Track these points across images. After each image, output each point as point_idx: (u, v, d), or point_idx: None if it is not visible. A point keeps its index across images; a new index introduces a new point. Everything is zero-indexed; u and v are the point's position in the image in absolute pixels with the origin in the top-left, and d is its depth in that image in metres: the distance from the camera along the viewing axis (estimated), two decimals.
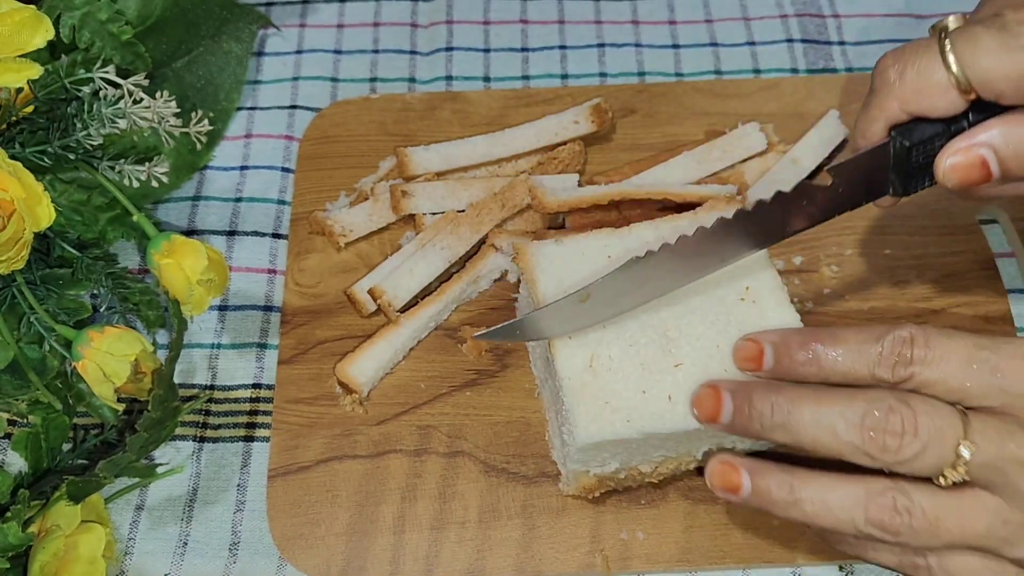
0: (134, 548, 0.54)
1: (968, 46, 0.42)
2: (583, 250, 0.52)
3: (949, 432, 0.40)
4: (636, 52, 0.73)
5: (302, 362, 0.59)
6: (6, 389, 0.55)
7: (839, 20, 0.74)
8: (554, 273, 0.52)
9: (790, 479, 0.43)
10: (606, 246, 0.52)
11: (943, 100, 0.44)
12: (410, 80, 0.72)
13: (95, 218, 0.60)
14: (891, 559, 0.44)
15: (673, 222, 0.53)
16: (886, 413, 0.40)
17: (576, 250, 0.52)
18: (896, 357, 0.41)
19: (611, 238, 0.53)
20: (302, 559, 0.53)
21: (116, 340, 0.51)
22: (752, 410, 0.43)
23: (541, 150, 0.65)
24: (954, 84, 0.43)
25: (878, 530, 0.41)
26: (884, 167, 0.47)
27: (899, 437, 0.40)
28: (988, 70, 0.42)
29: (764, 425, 0.43)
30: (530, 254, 0.53)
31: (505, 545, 0.53)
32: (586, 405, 0.48)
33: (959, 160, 0.44)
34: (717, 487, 0.45)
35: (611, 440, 0.48)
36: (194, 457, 0.57)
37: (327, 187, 0.65)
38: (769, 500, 0.43)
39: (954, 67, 0.43)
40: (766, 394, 0.43)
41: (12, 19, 0.52)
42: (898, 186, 0.48)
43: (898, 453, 0.40)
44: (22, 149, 0.54)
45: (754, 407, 0.43)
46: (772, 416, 0.43)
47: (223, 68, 0.68)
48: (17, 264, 0.50)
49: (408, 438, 0.56)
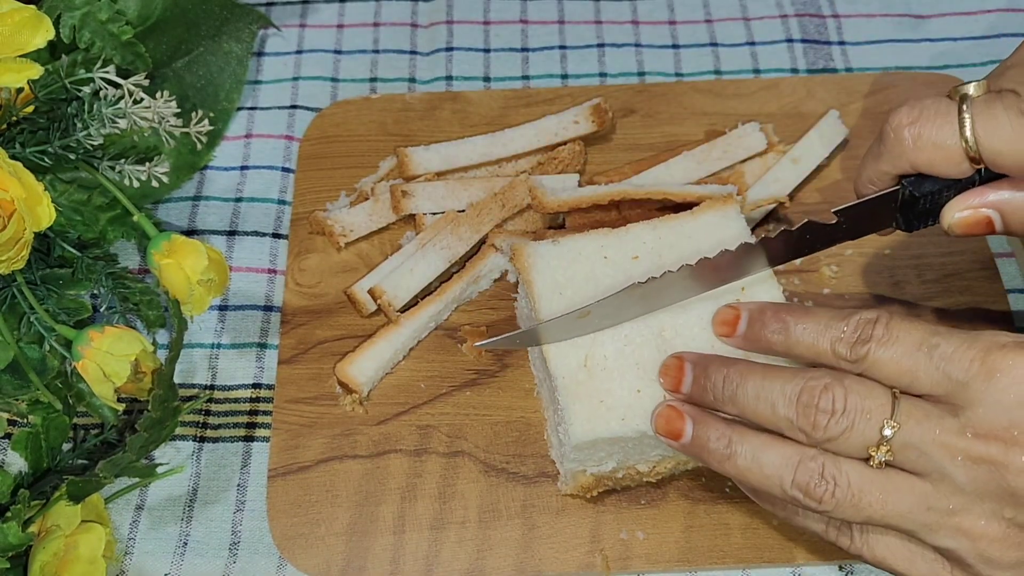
0: (134, 548, 0.54)
1: (987, 124, 0.44)
2: (579, 250, 0.52)
3: (876, 412, 0.41)
4: (636, 52, 0.73)
5: (302, 362, 0.59)
6: (6, 389, 0.55)
7: (839, 20, 0.74)
8: (550, 274, 0.52)
9: (730, 432, 0.44)
10: (603, 246, 0.52)
11: (954, 166, 0.45)
12: (410, 80, 0.72)
13: (95, 218, 0.60)
14: (818, 526, 0.45)
15: (670, 222, 0.53)
16: (820, 391, 0.42)
17: (572, 250, 0.52)
18: (857, 335, 0.42)
19: (608, 238, 0.53)
20: (302, 559, 0.53)
21: (116, 340, 0.51)
22: (707, 381, 0.45)
23: (541, 150, 0.65)
24: (967, 155, 0.45)
25: (802, 494, 0.42)
26: (890, 209, 0.49)
27: (828, 415, 0.41)
28: (1002, 152, 0.44)
29: (716, 396, 0.45)
30: (526, 255, 0.53)
31: (505, 545, 0.53)
32: (580, 404, 0.48)
33: (967, 216, 0.46)
34: (660, 430, 0.46)
35: (606, 439, 0.48)
36: (194, 457, 0.57)
37: (327, 187, 0.65)
38: (706, 449, 0.45)
39: (970, 141, 0.44)
40: (720, 366, 0.45)
41: (12, 19, 0.52)
42: (901, 224, 0.50)
43: (826, 430, 0.41)
44: (22, 149, 0.54)
45: (709, 378, 0.45)
46: (723, 388, 0.45)
47: (223, 68, 0.68)
48: (17, 264, 0.50)
49: (408, 438, 0.56)
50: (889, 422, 0.41)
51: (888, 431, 0.41)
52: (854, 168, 0.65)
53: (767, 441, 0.43)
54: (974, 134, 0.44)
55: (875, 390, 0.42)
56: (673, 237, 0.53)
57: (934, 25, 0.73)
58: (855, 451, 0.42)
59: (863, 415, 0.41)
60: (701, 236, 0.52)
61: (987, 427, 0.40)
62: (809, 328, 0.44)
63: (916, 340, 0.41)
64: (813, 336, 0.44)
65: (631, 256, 0.52)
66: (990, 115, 0.44)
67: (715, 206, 0.54)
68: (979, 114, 0.44)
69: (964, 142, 0.44)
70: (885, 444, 0.41)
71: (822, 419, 0.41)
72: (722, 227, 0.53)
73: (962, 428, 0.40)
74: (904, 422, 0.41)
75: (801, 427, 0.42)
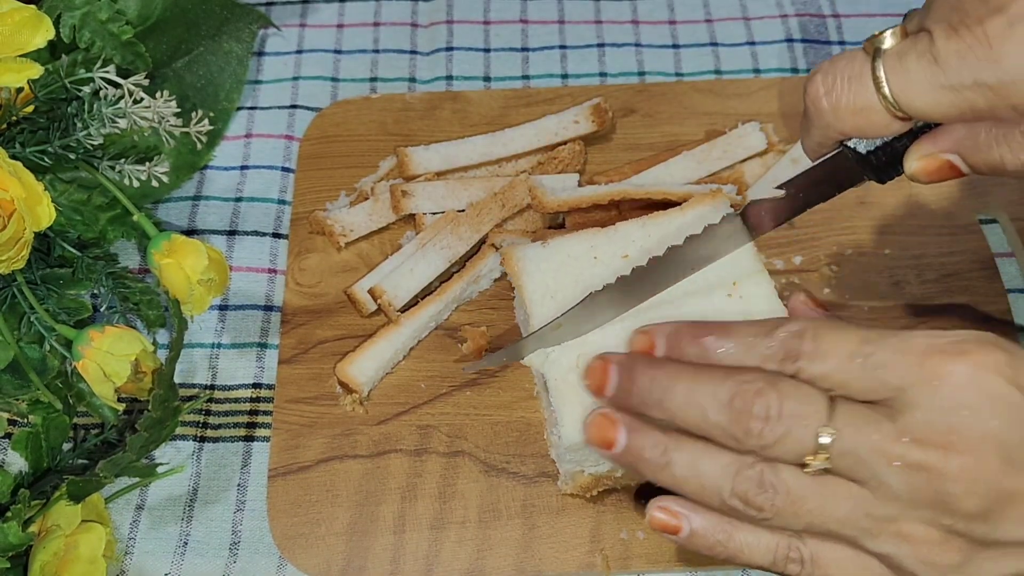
0: (134, 548, 0.54)
1: (902, 80, 0.40)
2: (569, 252, 0.52)
3: (812, 418, 0.39)
4: (636, 52, 0.73)
5: (302, 362, 0.59)
6: (6, 389, 0.55)
7: (839, 20, 0.74)
8: (541, 277, 0.52)
9: (666, 441, 0.42)
10: (592, 247, 0.52)
11: (884, 128, 0.42)
12: (410, 80, 0.72)
13: (95, 218, 0.60)
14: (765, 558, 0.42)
15: (659, 219, 0.53)
16: (753, 396, 0.39)
17: (562, 252, 0.52)
18: (784, 352, 0.40)
19: (597, 239, 0.53)
20: (302, 559, 0.53)
21: (116, 340, 0.51)
22: (634, 385, 0.43)
23: (541, 150, 0.65)
24: (893, 114, 0.41)
25: (742, 503, 0.40)
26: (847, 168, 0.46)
27: (763, 422, 0.39)
28: (925, 107, 0.40)
29: (643, 400, 0.42)
30: (516, 258, 0.52)
31: (505, 545, 0.53)
32: (572, 405, 0.48)
33: (926, 164, 0.43)
34: (592, 439, 0.44)
35: None
36: (194, 457, 0.57)
37: (327, 187, 0.65)
38: (641, 459, 0.42)
39: (890, 99, 0.41)
40: (647, 369, 0.43)
41: (12, 19, 0.52)
42: (872, 176, 0.46)
43: (760, 437, 0.39)
44: (22, 149, 0.54)
45: (635, 382, 0.43)
46: (651, 391, 0.42)
47: (223, 68, 0.68)
48: (17, 264, 0.50)
49: (408, 438, 0.56)
50: (826, 428, 0.38)
51: (825, 438, 0.38)
52: None
53: (705, 449, 0.41)
54: (892, 92, 0.40)
55: (811, 395, 0.39)
56: (662, 234, 0.52)
57: None
58: (791, 458, 0.39)
59: (799, 421, 0.39)
60: (690, 232, 0.52)
61: (925, 432, 0.38)
62: (731, 349, 0.42)
63: (847, 351, 0.39)
64: (738, 357, 0.41)
65: (621, 255, 0.52)
66: (903, 69, 0.39)
67: (704, 201, 0.53)
68: (892, 70, 0.40)
69: (884, 101, 0.40)
70: (823, 451, 0.39)
71: (756, 425, 0.39)
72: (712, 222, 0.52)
73: (899, 433, 0.38)
74: (841, 428, 0.38)
75: (734, 434, 0.40)
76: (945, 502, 0.38)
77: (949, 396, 0.37)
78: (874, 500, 0.39)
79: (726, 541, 0.42)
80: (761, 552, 0.42)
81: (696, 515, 0.42)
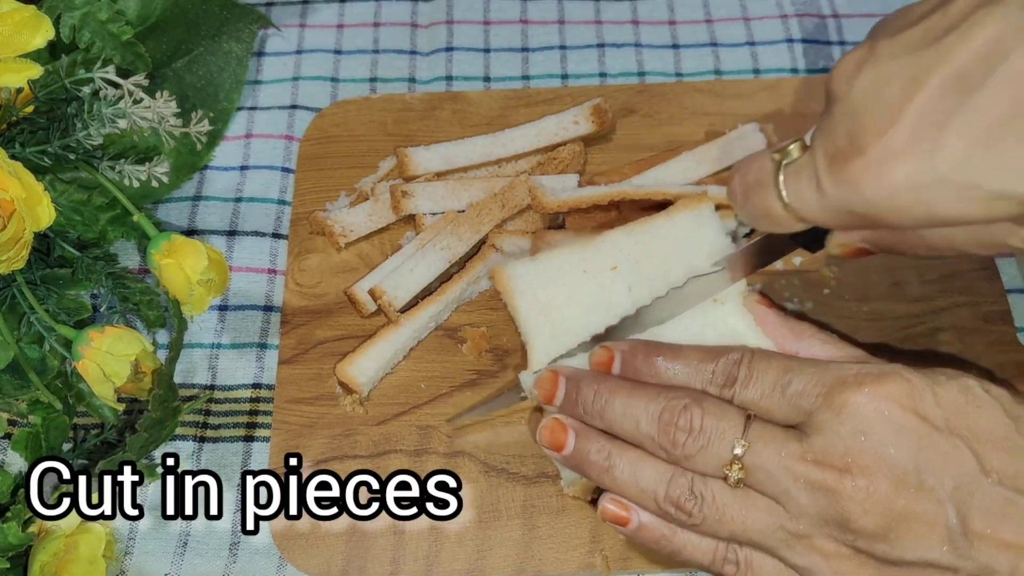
0: (134, 548, 0.54)
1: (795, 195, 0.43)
2: (559, 267, 0.52)
3: (729, 433, 0.44)
4: (636, 52, 0.73)
5: (302, 362, 0.59)
6: (6, 389, 0.55)
7: (839, 20, 0.74)
8: (532, 294, 0.51)
9: (609, 447, 0.47)
10: (582, 259, 0.52)
11: (792, 226, 0.45)
12: (410, 80, 0.72)
13: (95, 218, 0.60)
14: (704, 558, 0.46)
15: (645, 225, 0.53)
16: (679, 411, 0.45)
17: (551, 267, 0.52)
18: (724, 378, 0.45)
19: (586, 251, 0.52)
20: (302, 559, 0.53)
21: (116, 340, 0.51)
22: (579, 395, 0.48)
23: (541, 150, 0.65)
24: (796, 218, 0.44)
25: (674, 508, 0.45)
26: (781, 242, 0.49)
27: (686, 434, 0.44)
28: (818, 218, 0.43)
29: (586, 410, 0.47)
30: (507, 276, 0.52)
31: (505, 545, 0.53)
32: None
33: (843, 250, 0.47)
34: (544, 442, 0.48)
35: None
36: (194, 457, 0.57)
37: (327, 187, 0.65)
38: (586, 462, 0.47)
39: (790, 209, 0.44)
40: (592, 383, 0.48)
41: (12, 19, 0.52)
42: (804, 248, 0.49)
43: (684, 448, 0.44)
44: (22, 149, 0.54)
45: (581, 392, 0.48)
46: (593, 403, 0.47)
47: (223, 68, 0.68)
48: (17, 264, 0.50)
49: (408, 438, 0.56)
50: (740, 441, 0.43)
51: (738, 450, 0.43)
52: None
53: (643, 457, 0.46)
54: (790, 203, 0.44)
55: (729, 412, 0.44)
56: (650, 241, 0.52)
57: None
58: (711, 469, 0.44)
59: (717, 434, 0.44)
60: (677, 238, 0.52)
61: (826, 454, 0.42)
62: (679, 370, 0.47)
63: (772, 379, 0.44)
64: (684, 378, 0.47)
65: (610, 267, 0.52)
66: (797, 187, 0.43)
67: (689, 205, 0.53)
68: (789, 185, 0.43)
69: (785, 209, 0.44)
70: (737, 463, 0.43)
71: (680, 437, 0.44)
72: (697, 227, 0.52)
73: (804, 453, 0.43)
74: (753, 442, 0.43)
75: (661, 444, 0.45)
76: (845, 521, 0.42)
77: (849, 423, 0.42)
78: (787, 516, 0.43)
79: (671, 536, 0.46)
80: (701, 551, 0.46)
81: (644, 511, 0.47)
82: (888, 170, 0.39)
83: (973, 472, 0.41)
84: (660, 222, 0.53)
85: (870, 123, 0.39)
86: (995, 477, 0.41)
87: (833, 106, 0.42)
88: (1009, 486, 0.40)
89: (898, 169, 0.39)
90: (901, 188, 0.39)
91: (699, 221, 0.52)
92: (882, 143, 0.39)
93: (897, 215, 0.40)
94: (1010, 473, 0.41)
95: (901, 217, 0.40)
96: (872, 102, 0.40)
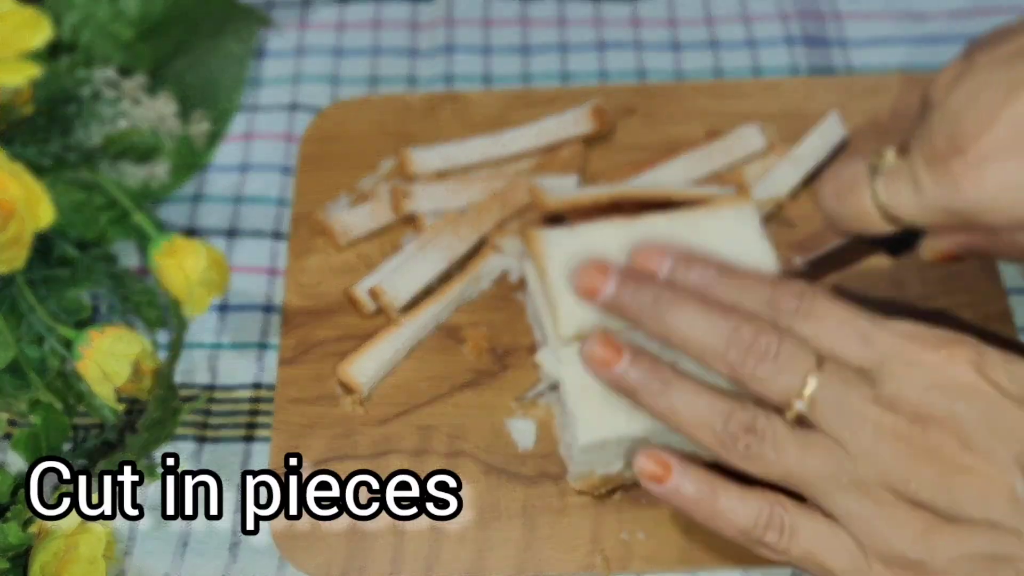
0: (134, 548, 0.54)
1: (892, 197, 0.46)
2: (595, 239, 0.51)
3: (803, 364, 0.42)
4: (636, 52, 0.73)
5: (303, 362, 0.59)
6: (6, 389, 0.55)
7: (839, 20, 0.74)
8: (563, 258, 0.51)
9: (668, 373, 0.44)
10: (617, 235, 0.51)
11: (884, 228, 0.47)
12: (410, 80, 0.72)
13: (95, 218, 0.60)
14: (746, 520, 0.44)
15: (685, 215, 0.53)
16: (756, 333, 0.43)
17: (588, 239, 0.51)
18: (782, 304, 0.44)
19: (622, 228, 0.52)
20: (302, 559, 0.53)
21: (116, 340, 0.51)
22: (636, 293, 0.45)
23: (541, 150, 0.65)
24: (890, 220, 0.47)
25: (730, 440, 0.43)
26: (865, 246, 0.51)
27: (760, 356, 0.42)
28: (915, 219, 0.46)
29: (642, 311, 0.45)
30: (540, 241, 0.52)
31: (505, 545, 0.53)
32: (587, 404, 0.48)
33: (935, 256, 0.49)
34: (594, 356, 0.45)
35: (612, 440, 0.48)
36: (194, 457, 0.57)
37: (327, 187, 0.65)
38: (643, 383, 0.44)
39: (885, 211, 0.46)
40: (654, 286, 0.45)
41: (12, 19, 0.52)
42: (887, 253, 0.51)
43: (755, 369, 0.43)
44: (22, 149, 0.54)
45: (640, 290, 0.45)
46: (654, 304, 0.44)
47: (223, 68, 0.68)
48: (17, 264, 0.50)
49: (408, 438, 0.56)
50: (813, 376, 0.42)
51: (811, 385, 0.42)
52: None
53: (702, 387, 0.44)
54: (886, 205, 0.46)
55: (805, 347, 0.43)
56: (688, 231, 0.51)
57: (934, 25, 0.73)
58: (778, 396, 0.43)
59: (791, 363, 0.42)
60: (715, 232, 0.51)
61: (898, 402, 0.41)
62: (732, 286, 0.45)
63: (840, 318, 0.43)
64: (734, 298, 0.45)
65: None
66: (894, 189, 0.45)
67: (731, 203, 0.53)
68: (886, 187, 0.46)
69: (880, 211, 0.46)
70: (806, 398, 0.42)
71: (753, 358, 0.43)
72: (738, 225, 0.52)
73: (876, 398, 0.41)
74: (825, 379, 0.42)
75: (730, 359, 0.43)
76: (910, 468, 0.41)
77: (922, 376, 0.41)
78: (847, 457, 0.42)
79: (711, 498, 0.44)
80: (744, 514, 0.44)
81: (685, 468, 0.44)
82: (987, 169, 0.41)
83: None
84: (701, 214, 0.53)
85: (969, 125, 0.42)
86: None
87: (931, 113, 0.44)
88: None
89: (997, 168, 0.41)
90: (999, 186, 0.41)
91: (740, 220, 0.52)
92: (981, 143, 0.41)
93: (994, 215, 0.42)
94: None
95: (998, 217, 0.42)
96: (971, 106, 0.42)
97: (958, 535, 0.40)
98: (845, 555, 0.42)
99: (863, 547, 0.42)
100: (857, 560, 0.42)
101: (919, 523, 0.41)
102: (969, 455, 0.40)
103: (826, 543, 0.43)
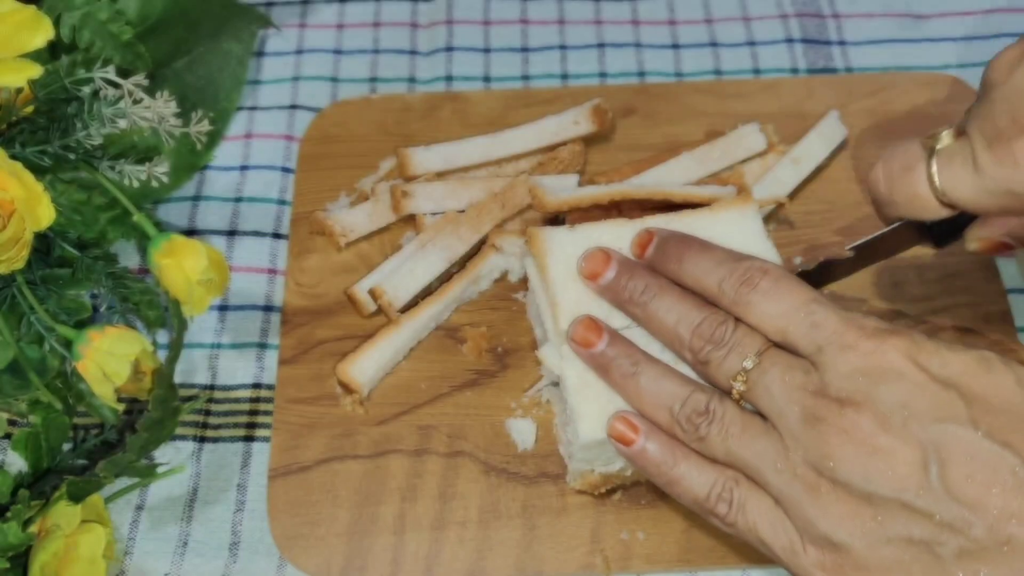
0: (134, 548, 0.54)
1: (948, 179, 0.46)
2: (596, 239, 0.52)
3: (748, 348, 0.45)
4: (636, 52, 0.73)
5: (302, 362, 0.59)
6: (6, 389, 0.55)
7: (839, 20, 0.74)
8: (566, 260, 0.51)
9: (640, 356, 0.48)
10: (619, 236, 0.52)
11: (936, 212, 0.47)
12: (410, 80, 0.72)
13: (95, 218, 0.60)
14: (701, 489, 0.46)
15: (687, 216, 0.53)
16: (717, 324, 0.46)
17: (589, 238, 0.52)
18: (744, 279, 0.46)
19: (624, 229, 0.52)
20: (302, 559, 0.53)
21: (116, 340, 0.51)
22: (630, 281, 0.49)
23: (541, 150, 0.65)
24: (942, 204, 0.47)
25: (684, 420, 0.46)
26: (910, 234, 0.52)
27: (715, 343, 0.46)
28: (970, 202, 0.46)
29: (632, 298, 0.49)
30: (542, 239, 0.52)
31: (505, 545, 0.53)
32: (589, 403, 0.48)
33: (983, 245, 0.50)
34: (576, 336, 0.49)
35: None
36: (194, 457, 0.57)
37: (327, 187, 0.65)
38: (613, 365, 0.48)
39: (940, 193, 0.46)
40: (646, 275, 0.49)
41: (12, 19, 0.51)
42: (931, 244, 0.52)
43: (709, 353, 0.46)
44: (22, 149, 0.54)
45: (633, 279, 0.49)
46: (642, 292, 0.48)
47: (223, 68, 0.68)
48: (17, 264, 0.50)
49: (408, 438, 0.56)
50: (753, 357, 0.45)
51: (748, 363, 0.45)
52: (854, 168, 0.65)
53: (668, 372, 0.47)
54: (942, 187, 0.46)
55: (756, 335, 0.46)
56: (688, 231, 0.52)
57: (934, 25, 0.73)
58: (723, 379, 0.46)
59: (738, 348, 0.45)
60: (717, 233, 0.51)
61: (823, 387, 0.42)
62: (705, 264, 0.48)
63: (797, 302, 0.45)
64: (706, 268, 0.47)
65: None
66: (951, 170, 0.46)
67: (734, 204, 0.53)
68: (942, 169, 0.46)
69: (935, 193, 0.46)
70: (743, 375, 0.45)
71: (710, 344, 0.46)
72: (740, 226, 0.52)
73: (805, 383, 0.43)
74: (763, 361, 0.44)
75: (691, 346, 0.46)
76: (828, 449, 0.42)
77: (852, 363, 0.42)
78: (781, 441, 0.43)
79: (671, 465, 0.46)
80: (698, 484, 0.46)
81: (652, 433, 0.47)
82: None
83: (961, 421, 0.40)
84: (703, 215, 0.53)
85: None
86: (984, 430, 0.40)
87: (991, 92, 0.44)
88: (997, 440, 0.40)
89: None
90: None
91: (742, 221, 0.52)
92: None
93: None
94: (1002, 430, 0.40)
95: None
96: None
97: (877, 519, 0.41)
98: (783, 535, 0.44)
99: (798, 529, 0.43)
100: (793, 540, 0.43)
101: (842, 506, 0.42)
102: (884, 436, 0.41)
103: (768, 521, 0.44)
